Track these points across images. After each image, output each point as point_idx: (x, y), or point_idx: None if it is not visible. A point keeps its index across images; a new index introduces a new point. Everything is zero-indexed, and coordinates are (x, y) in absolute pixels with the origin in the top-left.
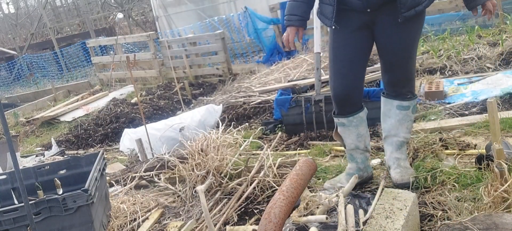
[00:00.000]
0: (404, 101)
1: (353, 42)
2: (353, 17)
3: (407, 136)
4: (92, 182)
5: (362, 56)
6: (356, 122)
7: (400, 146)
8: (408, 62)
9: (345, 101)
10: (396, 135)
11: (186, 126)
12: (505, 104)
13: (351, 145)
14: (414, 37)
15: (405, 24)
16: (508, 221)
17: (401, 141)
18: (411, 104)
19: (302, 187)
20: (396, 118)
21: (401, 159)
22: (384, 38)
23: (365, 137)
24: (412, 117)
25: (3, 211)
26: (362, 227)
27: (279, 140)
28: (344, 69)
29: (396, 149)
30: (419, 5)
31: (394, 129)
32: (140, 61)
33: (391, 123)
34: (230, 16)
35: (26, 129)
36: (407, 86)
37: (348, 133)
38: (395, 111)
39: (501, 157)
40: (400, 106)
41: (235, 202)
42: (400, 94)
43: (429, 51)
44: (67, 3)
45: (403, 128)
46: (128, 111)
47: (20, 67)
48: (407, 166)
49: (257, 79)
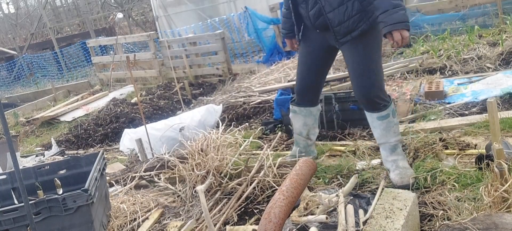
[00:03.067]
0: (382, 112)
1: (312, 53)
2: (312, 33)
3: (397, 138)
4: (92, 182)
5: (320, 66)
6: (305, 113)
7: (393, 149)
8: (368, 76)
9: (302, 96)
10: (386, 141)
11: (186, 126)
12: (505, 104)
13: (297, 130)
14: (368, 52)
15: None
16: (508, 221)
17: (393, 145)
18: (389, 111)
19: (302, 187)
20: (380, 127)
21: (399, 159)
22: (344, 54)
23: (310, 127)
24: (394, 120)
25: (3, 211)
26: (362, 227)
27: (279, 140)
28: (303, 73)
29: (390, 153)
30: (355, 31)
31: (383, 137)
32: (140, 61)
33: (378, 133)
34: (230, 16)
35: (26, 129)
36: (377, 98)
37: (297, 119)
38: (377, 122)
39: (501, 157)
40: (380, 117)
41: (235, 202)
42: (374, 107)
43: (429, 51)
44: (67, 3)
45: (391, 133)
46: (128, 111)
47: (20, 67)
48: (406, 166)
49: (257, 79)
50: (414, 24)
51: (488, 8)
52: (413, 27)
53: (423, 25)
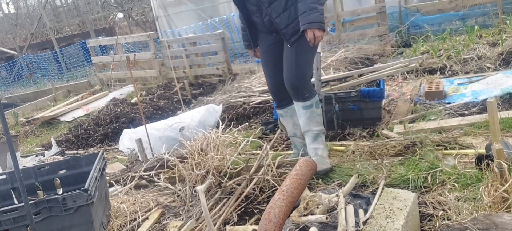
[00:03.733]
0: (306, 102)
1: (272, 51)
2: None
3: (319, 128)
4: (92, 182)
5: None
6: (290, 113)
7: (315, 137)
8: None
9: (276, 95)
10: (310, 129)
11: (186, 126)
12: (505, 104)
13: (290, 132)
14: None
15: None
16: (508, 221)
17: (315, 133)
18: (313, 102)
19: (302, 187)
20: (305, 116)
21: (319, 148)
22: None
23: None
24: (317, 111)
25: (3, 211)
26: (362, 227)
27: (279, 140)
28: (270, 73)
29: (312, 141)
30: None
31: (306, 126)
32: (140, 61)
33: (303, 121)
34: (230, 16)
35: (26, 129)
36: (303, 90)
37: (286, 122)
38: (302, 111)
39: (501, 157)
40: (305, 106)
41: (234, 202)
42: (300, 97)
43: (429, 51)
44: (67, 3)
45: (313, 123)
46: (128, 111)
47: (20, 67)
48: (324, 156)
49: (257, 79)
50: (414, 24)
51: (488, 8)
52: (413, 27)
53: (423, 25)
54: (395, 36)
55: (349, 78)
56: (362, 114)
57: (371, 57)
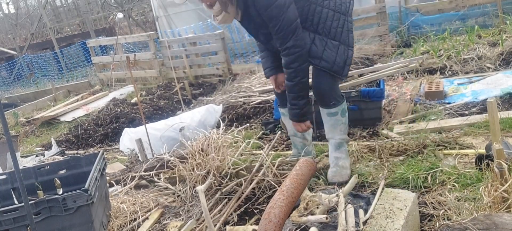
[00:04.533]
0: (331, 109)
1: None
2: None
3: (342, 136)
4: (92, 182)
5: None
6: None
7: (338, 146)
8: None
9: (280, 94)
10: (332, 137)
11: (186, 126)
12: (505, 104)
13: (291, 131)
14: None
15: None
16: (508, 221)
17: (338, 142)
18: (338, 110)
19: (302, 187)
20: (329, 123)
21: (340, 158)
22: None
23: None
24: (342, 119)
25: (3, 211)
26: (362, 227)
27: (279, 140)
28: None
29: (334, 149)
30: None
31: (330, 133)
32: (140, 61)
33: (326, 128)
34: None
35: (26, 129)
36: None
37: (287, 121)
38: (326, 118)
39: (501, 157)
40: (329, 113)
41: (235, 202)
42: (325, 104)
43: (429, 51)
44: (67, 3)
45: (337, 131)
46: (128, 111)
47: (20, 67)
48: (345, 166)
49: (257, 79)
50: (414, 24)
51: (488, 8)
52: (413, 27)
53: (423, 25)
54: (395, 36)
55: (349, 78)
56: (362, 114)
57: (371, 57)
